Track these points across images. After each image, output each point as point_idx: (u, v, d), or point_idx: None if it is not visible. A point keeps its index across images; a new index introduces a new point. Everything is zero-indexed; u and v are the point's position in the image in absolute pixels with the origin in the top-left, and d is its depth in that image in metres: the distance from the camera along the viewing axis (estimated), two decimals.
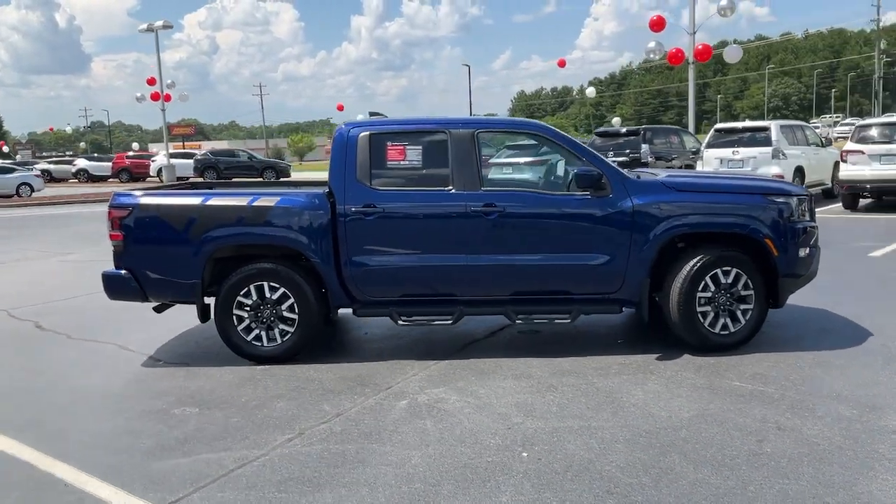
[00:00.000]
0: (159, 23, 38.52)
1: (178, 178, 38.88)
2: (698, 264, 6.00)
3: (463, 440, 4.58)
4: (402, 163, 6.34)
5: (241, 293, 6.25)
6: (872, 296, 7.98)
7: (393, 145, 6.33)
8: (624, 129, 20.17)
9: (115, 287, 6.39)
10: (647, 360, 6.03)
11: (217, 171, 38.24)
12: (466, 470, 4.17)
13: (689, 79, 24.56)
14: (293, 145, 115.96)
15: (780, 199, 6.16)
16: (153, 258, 6.30)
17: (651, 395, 5.24)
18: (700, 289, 6.03)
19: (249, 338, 6.30)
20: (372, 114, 7.09)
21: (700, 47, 23.43)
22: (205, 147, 64.07)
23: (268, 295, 6.25)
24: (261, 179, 37.24)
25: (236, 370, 6.16)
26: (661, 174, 6.74)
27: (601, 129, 22.10)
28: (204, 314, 6.52)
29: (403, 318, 6.25)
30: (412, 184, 6.32)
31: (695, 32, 24.05)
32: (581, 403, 5.12)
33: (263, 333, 6.30)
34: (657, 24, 24.64)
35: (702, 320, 6.06)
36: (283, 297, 6.25)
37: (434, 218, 6.19)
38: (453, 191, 6.17)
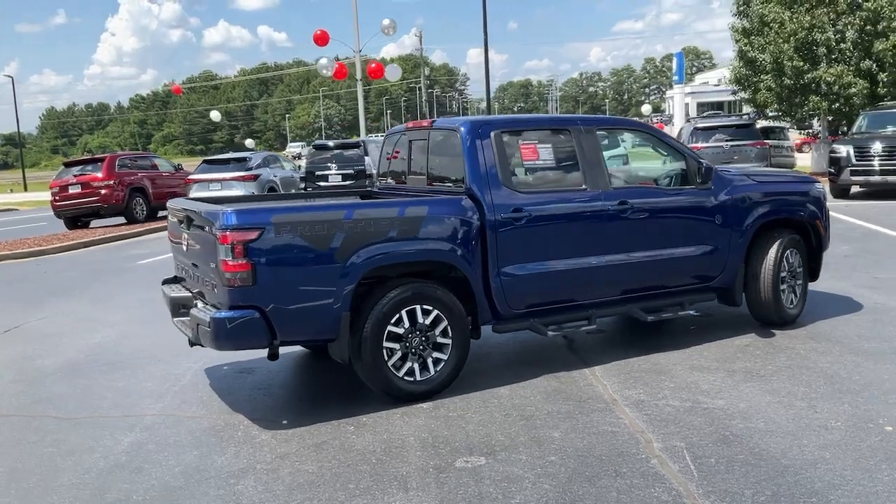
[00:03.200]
0: None
1: None
2: (781, 247, 6.66)
3: (811, 429, 4.58)
4: (536, 162, 5.93)
5: (392, 321, 5.25)
6: None
7: (525, 144, 5.89)
8: (332, 143, 20.11)
9: (236, 333, 4.86)
10: (758, 341, 6.47)
11: None
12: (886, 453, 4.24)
13: (357, 95, 25.34)
14: None
15: (818, 186, 7.14)
16: (292, 289, 4.96)
17: (852, 366, 5.65)
18: (781, 269, 6.70)
19: (401, 373, 5.32)
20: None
21: (374, 66, 24.35)
22: None
23: (420, 320, 5.34)
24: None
25: (401, 412, 5.17)
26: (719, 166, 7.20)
27: (318, 142, 21.66)
28: (342, 353, 5.27)
29: (551, 328, 5.85)
30: (550, 185, 5.96)
31: (360, 51, 24.91)
32: (814, 384, 5.37)
33: (416, 366, 5.36)
34: (321, 39, 24.95)
35: (782, 297, 6.74)
36: (437, 321, 5.40)
37: (579, 219, 5.90)
38: (588, 190, 5.96)
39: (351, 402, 5.46)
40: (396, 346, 5.27)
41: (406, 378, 5.32)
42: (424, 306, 5.34)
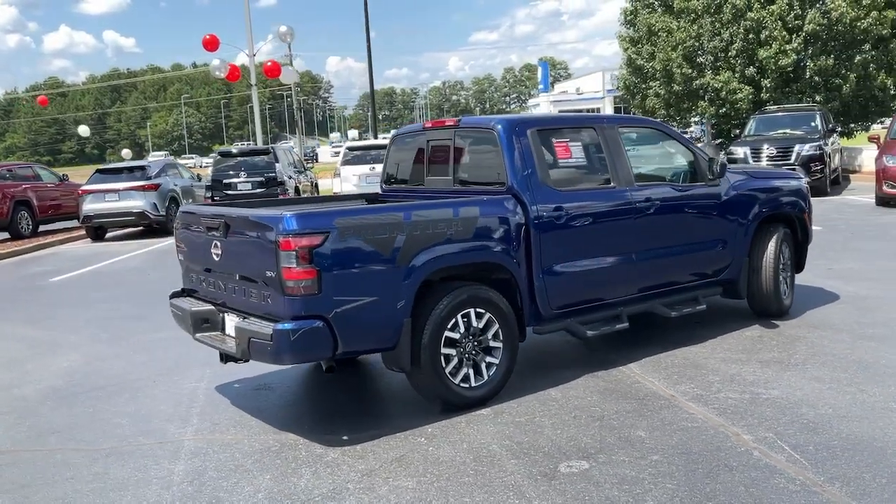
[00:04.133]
0: None
1: None
2: (778, 241, 6.89)
3: (878, 411, 4.72)
4: (569, 160, 5.87)
5: (449, 326, 5.04)
6: None
7: (558, 142, 5.82)
8: (235, 150, 19.35)
9: (300, 345, 4.51)
10: (768, 332, 6.64)
11: None
12: None
13: (252, 99, 24.51)
14: None
15: (805, 181, 7.44)
16: (356, 296, 4.66)
17: (872, 351, 5.85)
18: (779, 262, 6.93)
19: (457, 380, 5.12)
20: (459, 115, 6.24)
21: (270, 64, 23.65)
22: None
23: (474, 324, 5.17)
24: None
25: (465, 420, 4.97)
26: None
27: (223, 149, 20.68)
28: (403, 361, 4.98)
29: (588, 327, 5.79)
30: (583, 182, 5.93)
31: (254, 55, 24.13)
32: (849, 369, 5.54)
33: (471, 372, 5.18)
34: (211, 44, 24.00)
35: (781, 289, 6.98)
36: (488, 325, 5.24)
37: (613, 216, 5.88)
38: (616, 187, 5.95)
39: (399, 413, 5.24)
40: (452, 351, 5.06)
41: (462, 385, 5.12)
42: (478, 309, 5.16)
